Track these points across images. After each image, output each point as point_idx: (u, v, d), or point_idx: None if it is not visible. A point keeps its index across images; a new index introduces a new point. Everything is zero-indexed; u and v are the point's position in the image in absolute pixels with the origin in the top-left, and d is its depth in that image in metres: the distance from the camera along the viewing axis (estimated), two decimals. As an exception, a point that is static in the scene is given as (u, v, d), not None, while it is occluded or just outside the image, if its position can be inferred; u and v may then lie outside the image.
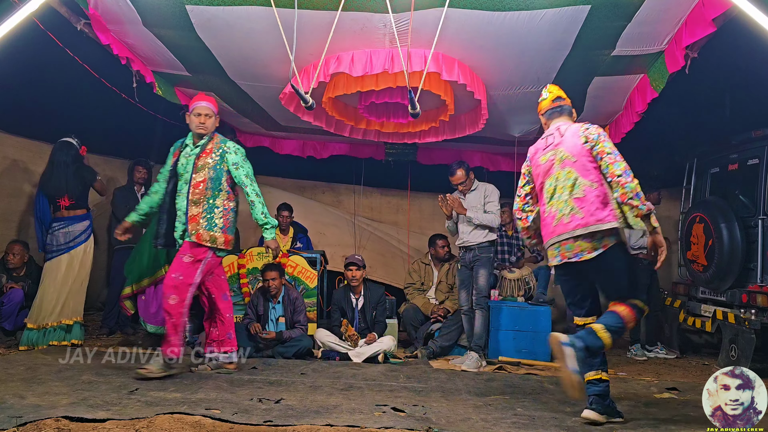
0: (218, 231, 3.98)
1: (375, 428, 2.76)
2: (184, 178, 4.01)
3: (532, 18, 3.81)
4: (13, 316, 5.08)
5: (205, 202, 3.97)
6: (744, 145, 5.26)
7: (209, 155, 4.01)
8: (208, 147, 4.04)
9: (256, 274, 5.57)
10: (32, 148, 5.91)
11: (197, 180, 3.97)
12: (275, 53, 4.34)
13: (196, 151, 4.03)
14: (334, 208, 7.97)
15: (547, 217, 3.24)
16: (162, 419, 2.73)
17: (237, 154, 4.05)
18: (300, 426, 2.75)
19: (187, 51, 4.52)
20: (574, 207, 3.09)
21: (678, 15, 3.77)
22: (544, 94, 3.50)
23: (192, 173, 3.97)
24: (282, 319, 5.15)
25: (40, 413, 2.75)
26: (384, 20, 3.89)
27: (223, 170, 4.00)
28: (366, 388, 3.77)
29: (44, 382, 3.51)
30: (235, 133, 6.99)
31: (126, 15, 4.01)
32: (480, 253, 4.98)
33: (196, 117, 4.03)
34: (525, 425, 2.97)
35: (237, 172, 4.01)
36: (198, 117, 4.03)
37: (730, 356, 4.81)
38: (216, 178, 3.98)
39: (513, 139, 6.27)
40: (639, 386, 4.22)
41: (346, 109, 5.42)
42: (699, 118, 6.83)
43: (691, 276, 5.72)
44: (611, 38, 4.09)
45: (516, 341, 5.36)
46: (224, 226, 4.02)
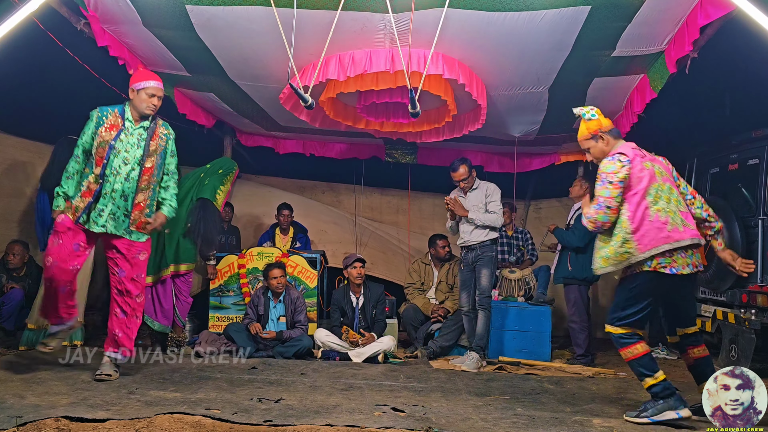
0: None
1: (375, 428, 2.76)
2: (124, 157, 3.63)
3: (532, 19, 3.81)
4: (14, 316, 5.08)
5: (150, 189, 3.75)
6: (744, 145, 5.26)
7: (157, 138, 3.76)
8: (156, 130, 3.78)
9: (256, 274, 5.58)
10: (32, 148, 5.91)
11: (148, 165, 3.69)
12: (275, 53, 4.35)
13: (144, 133, 3.72)
14: (335, 208, 7.97)
15: (654, 220, 3.09)
16: (162, 419, 2.73)
17: (173, 141, 3.87)
18: (300, 426, 2.75)
19: (187, 51, 4.53)
20: (684, 219, 3.13)
21: (678, 15, 3.77)
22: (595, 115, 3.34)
23: (145, 156, 3.68)
24: (283, 319, 5.15)
25: (40, 413, 2.75)
26: (384, 20, 3.89)
27: (164, 156, 3.81)
28: (366, 388, 3.77)
29: (44, 382, 3.51)
30: (235, 133, 7.00)
31: (126, 15, 4.01)
32: (482, 252, 4.95)
33: (149, 97, 3.69)
34: (525, 425, 2.97)
35: (172, 160, 3.85)
36: (151, 98, 3.70)
37: (730, 356, 4.81)
38: (160, 165, 3.78)
39: (513, 139, 6.27)
40: (639, 386, 4.21)
41: (346, 109, 5.42)
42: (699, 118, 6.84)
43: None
44: (611, 39, 4.09)
45: (516, 341, 5.36)
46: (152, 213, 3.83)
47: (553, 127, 5.93)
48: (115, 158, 3.61)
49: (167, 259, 4.90)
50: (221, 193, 5.15)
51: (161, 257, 4.89)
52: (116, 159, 3.61)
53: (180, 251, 4.97)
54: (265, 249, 5.82)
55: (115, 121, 3.67)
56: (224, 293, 5.62)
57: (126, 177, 3.63)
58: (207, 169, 5.23)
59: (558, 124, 5.81)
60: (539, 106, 5.39)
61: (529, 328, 5.38)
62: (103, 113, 3.68)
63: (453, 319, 5.50)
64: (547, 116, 5.64)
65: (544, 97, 5.16)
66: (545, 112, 5.53)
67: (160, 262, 4.89)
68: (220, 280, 5.63)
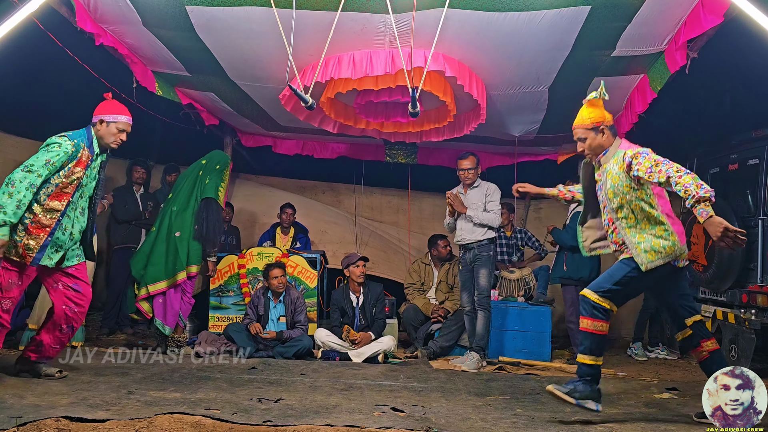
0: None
1: (375, 428, 2.76)
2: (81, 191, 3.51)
3: (533, 18, 3.81)
4: (13, 316, 5.06)
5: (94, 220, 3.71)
6: (744, 145, 5.26)
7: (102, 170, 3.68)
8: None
9: (256, 274, 5.58)
10: (32, 148, 5.89)
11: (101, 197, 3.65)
12: (275, 53, 4.35)
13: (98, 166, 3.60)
14: (335, 208, 7.97)
15: (674, 214, 3.23)
16: (162, 419, 2.73)
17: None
18: (300, 426, 2.75)
19: (187, 51, 4.53)
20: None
21: (678, 15, 3.77)
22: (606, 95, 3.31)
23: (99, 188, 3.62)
24: (283, 319, 5.15)
25: (40, 413, 2.75)
26: (384, 21, 3.89)
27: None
28: (366, 388, 3.77)
29: (44, 382, 3.51)
30: (236, 133, 7.00)
31: (126, 15, 4.01)
32: (480, 252, 4.96)
33: (118, 132, 3.56)
34: (525, 425, 2.97)
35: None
36: (120, 133, 3.57)
37: (730, 356, 4.81)
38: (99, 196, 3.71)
39: (513, 138, 6.27)
40: (639, 386, 4.22)
41: (346, 109, 5.42)
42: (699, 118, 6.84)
43: (691, 276, 5.71)
44: (611, 39, 4.09)
45: (516, 341, 5.36)
46: None
47: (553, 126, 5.93)
48: (77, 195, 3.48)
49: (182, 263, 4.87)
50: (222, 189, 5.15)
51: (174, 261, 4.87)
52: (77, 193, 3.47)
53: (190, 253, 4.96)
54: (265, 249, 5.82)
55: (84, 155, 3.46)
56: (224, 293, 5.63)
57: (82, 210, 3.56)
58: (204, 165, 5.16)
59: (558, 123, 5.82)
60: (539, 106, 5.39)
61: (529, 328, 5.39)
62: (78, 147, 3.43)
63: (453, 320, 5.50)
64: (547, 116, 5.64)
65: (544, 97, 5.16)
66: (545, 111, 5.53)
67: (174, 267, 4.86)
68: (220, 280, 5.63)
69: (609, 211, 3.24)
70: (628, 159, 3.08)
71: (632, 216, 3.14)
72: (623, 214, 3.16)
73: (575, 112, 3.39)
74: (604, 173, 3.24)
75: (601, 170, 3.27)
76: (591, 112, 3.27)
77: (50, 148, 3.39)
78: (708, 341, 3.26)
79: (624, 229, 3.17)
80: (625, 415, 3.25)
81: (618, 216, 3.18)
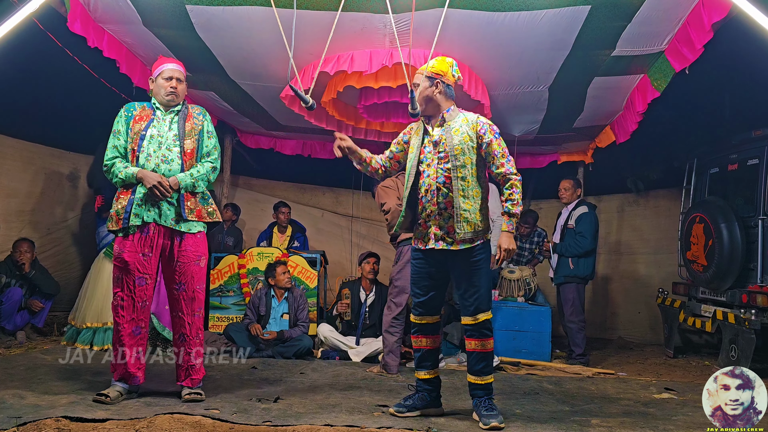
0: (212, 203, 3.48)
1: (374, 428, 2.76)
2: (158, 141, 3.32)
3: (532, 18, 3.82)
4: (13, 316, 5.08)
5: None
6: (744, 145, 5.26)
7: (192, 118, 3.44)
8: (189, 111, 3.47)
9: (257, 274, 5.58)
10: (32, 149, 5.90)
11: (188, 148, 3.36)
12: (275, 53, 4.35)
13: (176, 116, 3.40)
14: (334, 210, 7.99)
15: None
16: (162, 419, 2.73)
17: (209, 122, 3.53)
18: (299, 426, 2.75)
19: (187, 51, 4.52)
20: None
21: (678, 15, 3.77)
22: (449, 59, 3.22)
23: (183, 139, 3.36)
24: (286, 316, 5.15)
25: (39, 413, 2.75)
26: (384, 21, 3.89)
27: (202, 136, 3.45)
28: (365, 388, 3.77)
29: (44, 382, 3.51)
30: (236, 132, 7.00)
31: (126, 15, 4.02)
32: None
33: (166, 81, 3.35)
34: (524, 425, 2.97)
35: (209, 141, 3.46)
36: (169, 81, 3.34)
37: (730, 356, 4.81)
38: (200, 147, 3.43)
39: (513, 138, 6.27)
40: (638, 386, 4.22)
41: (347, 109, 5.42)
42: (699, 118, 6.84)
43: (691, 276, 5.72)
44: (611, 38, 4.09)
45: (516, 341, 5.35)
46: (210, 198, 3.50)
47: (553, 126, 5.92)
48: (149, 144, 3.29)
49: None
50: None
51: None
52: (150, 145, 3.29)
53: None
54: (265, 249, 5.82)
55: (143, 112, 3.36)
56: (224, 293, 5.62)
57: (163, 159, 3.30)
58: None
59: (558, 123, 5.81)
60: (539, 106, 5.39)
61: (529, 329, 5.38)
62: (130, 107, 3.38)
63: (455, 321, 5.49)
64: (547, 116, 5.63)
65: (544, 97, 5.16)
66: (545, 111, 5.52)
67: None
68: (220, 280, 5.63)
69: (448, 169, 3.08)
70: (484, 124, 3.14)
71: (468, 180, 3.06)
72: (462, 174, 3.06)
73: (575, 112, 3.40)
74: (449, 130, 3.12)
75: (445, 127, 3.14)
76: (435, 64, 3.17)
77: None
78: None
79: (458, 191, 3.05)
80: (624, 415, 3.24)
81: (457, 175, 3.05)
